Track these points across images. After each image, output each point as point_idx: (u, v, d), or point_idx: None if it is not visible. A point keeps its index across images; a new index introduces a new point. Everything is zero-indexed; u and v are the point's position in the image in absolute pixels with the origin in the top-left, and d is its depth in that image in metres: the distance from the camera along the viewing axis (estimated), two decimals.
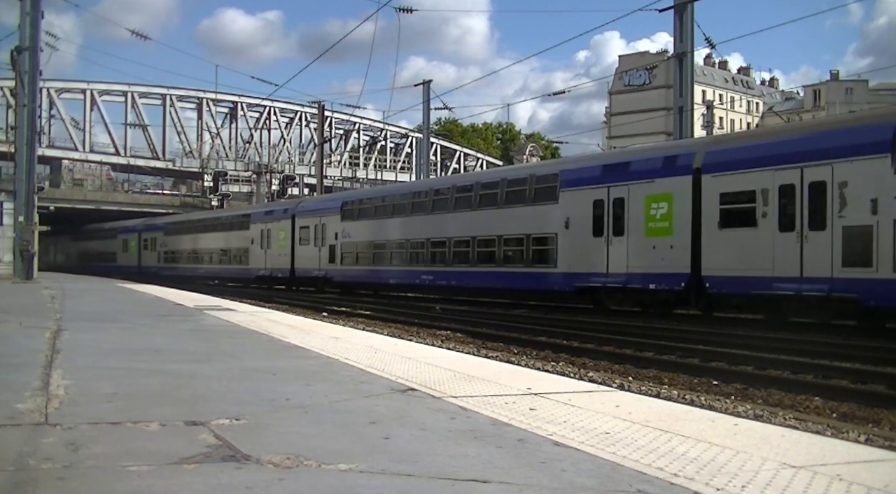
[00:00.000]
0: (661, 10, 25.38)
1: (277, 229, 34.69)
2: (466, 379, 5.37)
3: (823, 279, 14.49)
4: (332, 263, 30.36)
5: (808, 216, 14.84)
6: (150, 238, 48.86)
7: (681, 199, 17.19)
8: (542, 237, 20.98)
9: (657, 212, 17.80)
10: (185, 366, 5.81)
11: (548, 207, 20.73)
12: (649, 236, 17.89)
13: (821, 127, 17.69)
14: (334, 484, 2.74)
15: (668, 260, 17.36)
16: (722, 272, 16.29)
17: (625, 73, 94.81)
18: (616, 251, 18.62)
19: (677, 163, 17.70)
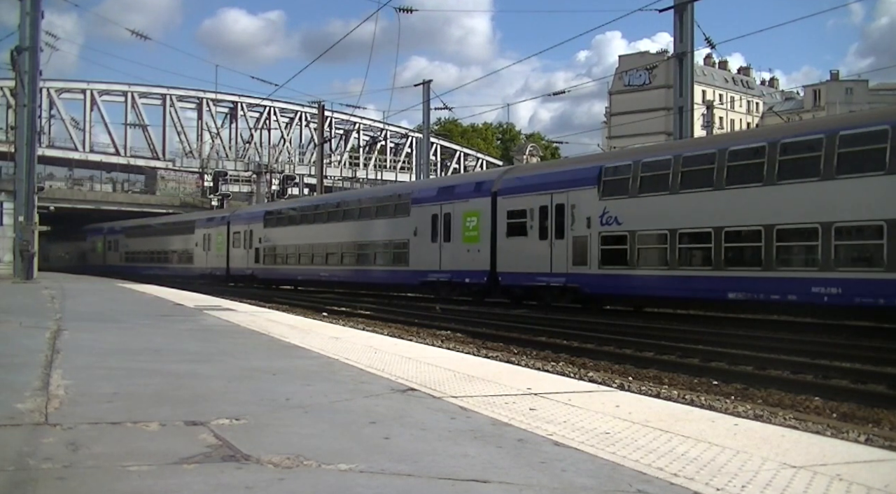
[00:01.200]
0: (661, 10, 25.40)
1: (216, 234, 40.26)
2: (466, 379, 5.37)
3: (563, 274, 20.29)
4: (258, 263, 35.98)
5: (555, 229, 20.50)
6: (113, 240, 54.44)
7: (484, 215, 22.86)
8: (400, 242, 26.61)
9: (470, 224, 23.53)
10: (185, 366, 5.81)
11: (403, 219, 26.52)
12: (465, 242, 23.55)
13: (563, 165, 24.08)
14: (334, 484, 2.74)
15: (477, 261, 22.98)
16: (508, 269, 22.04)
17: (625, 72, 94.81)
18: (446, 253, 24.34)
19: (483, 188, 23.50)
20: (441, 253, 24.39)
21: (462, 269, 23.49)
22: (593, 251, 19.29)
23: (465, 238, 23.55)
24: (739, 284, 15.84)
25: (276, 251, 34.55)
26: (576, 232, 19.78)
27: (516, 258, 21.56)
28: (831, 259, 14.37)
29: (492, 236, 22.41)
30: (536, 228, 20.97)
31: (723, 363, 10.99)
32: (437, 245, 24.60)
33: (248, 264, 36.49)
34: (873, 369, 10.11)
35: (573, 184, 20.19)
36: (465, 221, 23.60)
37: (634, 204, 18.55)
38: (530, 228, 21.16)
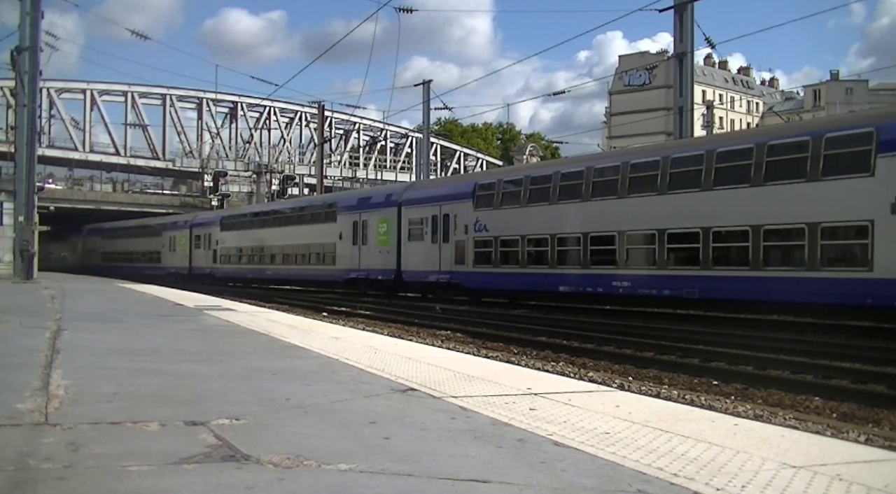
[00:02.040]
0: (661, 10, 25.39)
1: (180, 236, 45.14)
2: (466, 379, 5.37)
3: (448, 272, 24.19)
4: (215, 263, 40.64)
5: (442, 234, 24.54)
6: (91, 240, 58.57)
7: (392, 222, 27.08)
8: (329, 245, 31.12)
9: (382, 230, 27.67)
10: (185, 366, 5.81)
11: (331, 225, 30.93)
12: (378, 245, 27.87)
13: (450, 181, 32.58)
14: (334, 484, 2.74)
15: (387, 261, 27.16)
16: (409, 268, 26.23)
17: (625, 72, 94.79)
18: (363, 254, 28.76)
19: (391, 199, 27.89)
20: (360, 255, 29.04)
21: (376, 268, 28.04)
22: (469, 253, 23.43)
23: (378, 241, 28.05)
24: (566, 280, 20.24)
25: (231, 252, 39.48)
26: (457, 237, 23.96)
27: (415, 259, 25.94)
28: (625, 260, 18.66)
29: (398, 240, 26.88)
30: (430, 234, 25.24)
31: (723, 363, 10.99)
32: (357, 247, 29.21)
33: (207, 264, 41.27)
34: (873, 369, 10.11)
35: (455, 197, 24.48)
36: (378, 227, 28.09)
37: (498, 214, 22.72)
38: (425, 234, 25.45)
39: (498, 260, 22.33)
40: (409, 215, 26.44)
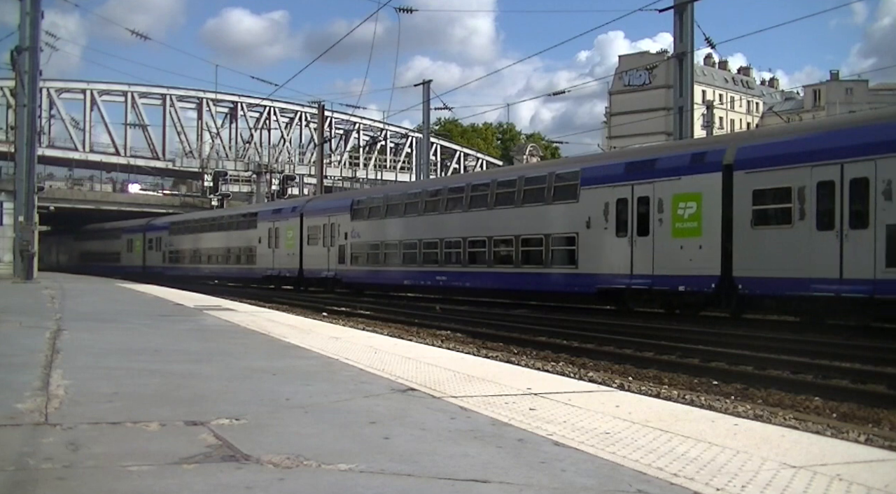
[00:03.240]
0: (661, 10, 25.39)
1: (136, 239, 51.66)
2: (466, 379, 5.37)
3: (333, 269, 30.52)
4: (164, 263, 46.83)
5: (330, 239, 31.00)
6: (63, 242, 63.74)
7: (295, 229, 33.48)
8: (250, 248, 37.33)
9: (289, 235, 34.11)
10: (185, 366, 5.81)
11: (252, 231, 37.30)
12: (286, 248, 34.19)
13: (336, 197, 36.95)
14: (334, 484, 2.74)
15: (293, 261, 33.28)
16: (309, 267, 32.41)
17: (625, 72, 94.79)
18: (276, 256, 34.87)
19: (295, 210, 34.35)
20: (274, 256, 35.09)
21: (285, 267, 34.07)
22: (347, 254, 29.86)
23: (286, 245, 34.17)
24: (409, 275, 26.28)
25: (178, 254, 45.68)
26: (340, 242, 30.36)
27: (313, 259, 32.16)
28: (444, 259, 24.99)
29: (300, 244, 33.04)
30: (321, 238, 31.69)
31: (723, 363, 10.98)
32: (271, 250, 35.30)
33: (159, 263, 47.28)
34: (873, 369, 10.11)
35: (339, 210, 30.99)
36: (287, 233, 34.14)
37: (366, 224, 29.22)
38: (319, 239, 31.78)
39: (366, 260, 29.02)
40: (308, 223, 32.76)
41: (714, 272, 16.41)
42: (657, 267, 17.65)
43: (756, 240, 15.75)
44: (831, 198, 14.46)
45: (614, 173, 19.40)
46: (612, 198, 18.93)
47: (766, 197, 15.65)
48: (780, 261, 15.13)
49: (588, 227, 19.54)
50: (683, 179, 17.26)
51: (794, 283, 14.84)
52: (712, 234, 16.54)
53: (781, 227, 15.28)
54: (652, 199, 17.86)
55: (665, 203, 17.54)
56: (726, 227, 16.28)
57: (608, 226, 18.98)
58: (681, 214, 17.22)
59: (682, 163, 17.62)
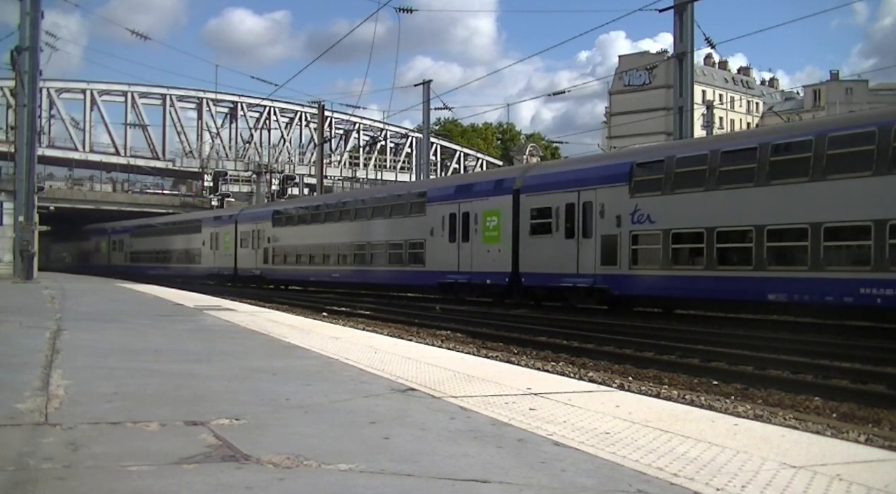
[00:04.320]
0: (660, 10, 25.39)
1: (103, 240, 58.18)
2: (466, 379, 5.37)
3: (259, 268, 36.25)
4: (127, 262, 52.54)
5: (257, 243, 36.81)
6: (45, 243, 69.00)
7: (231, 234, 39.25)
8: (196, 250, 43.25)
9: (227, 239, 39.59)
10: (185, 366, 5.82)
11: (196, 235, 43.10)
12: (223, 250, 39.88)
13: (265, 206, 42.74)
14: (334, 484, 2.74)
15: (228, 260, 39.10)
16: (242, 266, 38.00)
17: (625, 72, 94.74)
18: (216, 257, 40.60)
19: (231, 219, 39.99)
20: (214, 256, 41.10)
21: (223, 266, 39.73)
22: (270, 256, 35.50)
23: (224, 247, 39.91)
24: (317, 273, 32.08)
25: (139, 254, 51.27)
26: (264, 245, 35.92)
27: (244, 259, 37.86)
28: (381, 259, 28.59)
29: (235, 247, 38.76)
30: (251, 242, 37.33)
31: (723, 363, 10.99)
32: (212, 251, 41.39)
33: (122, 262, 53.00)
34: (873, 369, 10.11)
35: (264, 218, 36.90)
36: (224, 237, 40.03)
37: (283, 230, 35.06)
38: (250, 242, 37.54)
39: (283, 261, 34.64)
40: (241, 229, 38.74)
41: (507, 269, 22.01)
42: (474, 266, 23.28)
43: (532, 245, 21.29)
44: (572, 215, 20.07)
45: (448, 194, 25.33)
46: (446, 212, 24.62)
47: (538, 214, 21.17)
48: (546, 261, 20.74)
49: (432, 235, 25.16)
50: (490, 199, 23.01)
51: (553, 277, 20.58)
52: (507, 241, 22.06)
53: (545, 236, 20.87)
54: (471, 214, 23.53)
55: (479, 217, 23.24)
56: (515, 236, 21.78)
57: (444, 234, 24.55)
58: (488, 226, 22.90)
59: (490, 187, 23.59)
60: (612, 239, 18.86)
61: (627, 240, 18.57)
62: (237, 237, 38.54)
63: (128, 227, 53.39)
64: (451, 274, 24.06)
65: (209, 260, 41.54)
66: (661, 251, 17.86)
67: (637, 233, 18.47)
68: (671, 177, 17.83)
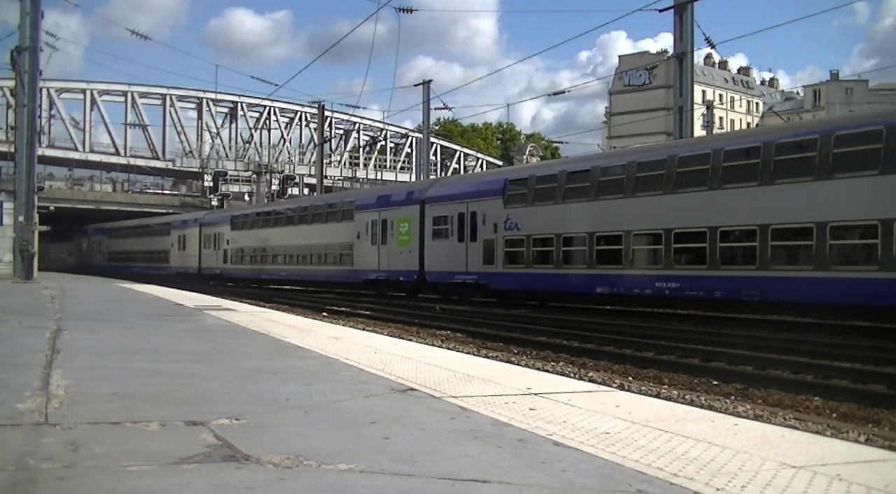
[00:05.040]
0: (660, 10, 25.38)
1: (84, 241, 61.61)
2: (466, 379, 5.37)
3: (219, 267, 40.24)
4: (104, 261, 55.36)
5: (217, 245, 40.93)
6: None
7: (195, 236, 43.53)
8: (164, 250, 47.04)
9: (192, 241, 43.77)
10: (185, 366, 5.81)
11: (165, 237, 47.15)
12: (188, 251, 43.94)
13: (225, 211, 45.83)
14: (334, 484, 2.74)
15: (193, 261, 43.07)
16: (205, 265, 41.94)
17: (625, 72, 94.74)
18: (183, 257, 44.60)
19: (196, 223, 44.13)
20: (181, 257, 44.88)
21: (189, 266, 43.50)
22: (229, 256, 39.64)
23: (190, 248, 43.92)
24: (268, 272, 36.06)
25: (117, 254, 54.52)
26: (224, 247, 40.10)
27: (208, 259, 41.81)
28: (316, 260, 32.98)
29: (199, 249, 42.80)
30: (213, 244, 41.40)
31: (723, 363, 10.98)
32: (180, 252, 45.27)
33: (99, 262, 55.74)
34: (873, 369, 10.10)
35: (224, 222, 40.87)
36: (189, 240, 44.24)
37: (239, 234, 38.93)
38: (211, 244, 41.56)
39: (240, 261, 38.73)
40: (205, 232, 42.85)
41: (416, 268, 25.77)
42: (391, 265, 27.14)
43: (434, 247, 25.05)
44: (463, 223, 23.78)
45: (371, 203, 29.37)
46: (370, 219, 28.66)
47: (439, 221, 25.00)
48: (444, 261, 24.49)
49: (358, 239, 29.32)
50: (403, 208, 26.95)
51: (449, 274, 24.29)
52: (415, 244, 25.87)
53: (444, 240, 24.66)
54: (388, 221, 27.50)
55: (394, 223, 27.18)
56: (421, 240, 25.62)
57: (368, 238, 28.62)
58: (401, 231, 26.76)
59: (403, 197, 27.68)
60: (490, 242, 22.63)
61: (501, 244, 22.30)
62: (201, 239, 42.84)
63: (106, 229, 56.56)
64: (373, 273, 28.18)
65: (177, 260, 45.32)
66: (525, 253, 21.56)
67: (508, 237, 22.15)
68: (532, 192, 21.74)
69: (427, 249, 25.34)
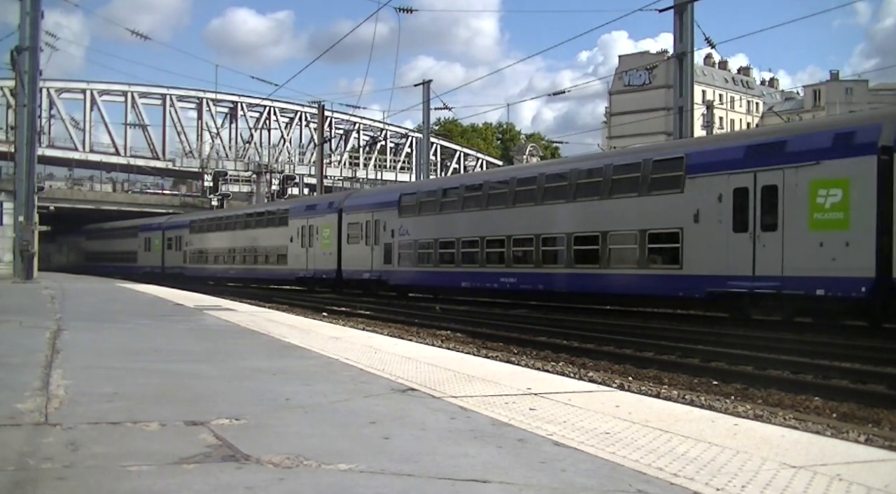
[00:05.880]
0: (660, 10, 25.38)
1: (67, 243, 64.36)
2: (466, 379, 5.37)
3: (178, 266, 45.58)
4: (81, 261, 59.38)
5: (177, 247, 46.83)
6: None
7: (160, 239, 48.88)
8: (132, 251, 51.33)
9: (156, 243, 49.10)
10: (185, 366, 5.81)
11: (133, 239, 52.04)
12: (154, 252, 48.96)
13: (185, 216, 48.85)
14: (334, 484, 2.74)
15: (156, 260, 48.11)
16: (168, 264, 46.72)
17: (625, 72, 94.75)
18: (149, 258, 49.43)
19: (160, 226, 48.95)
20: (148, 257, 49.29)
21: (154, 264, 47.75)
22: (188, 256, 44.50)
23: (155, 249, 48.45)
24: (220, 270, 40.73)
25: (95, 253, 58.56)
26: (184, 248, 45.02)
27: (170, 259, 46.37)
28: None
29: (162, 249, 47.56)
30: (175, 246, 46.03)
31: (723, 363, 10.98)
32: (147, 253, 49.60)
33: (78, 261, 59.87)
34: (873, 369, 10.10)
35: (184, 226, 45.63)
36: (154, 242, 49.02)
37: (197, 236, 43.92)
38: (173, 246, 46.23)
39: (197, 260, 43.57)
40: (167, 235, 47.26)
41: (335, 267, 30.67)
42: (317, 265, 32.00)
43: (348, 249, 29.99)
44: (369, 229, 28.72)
45: (301, 211, 34.33)
46: (300, 225, 33.39)
47: (352, 227, 29.93)
48: (356, 261, 29.32)
49: (291, 242, 33.91)
50: (325, 216, 31.83)
51: (359, 272, 29.04)
52: (335, 247, 30.74)
53: (356, 244, 29.46)
54: (314, 227, 32.40)
55: (319, 229, 32.04)
56: (339, 243, 30.48)
57: (299, 241, 33.27)
58: (324, 236, 31.53)
59: (325, 207, 32.47)
60: (389, 246, 27.47)
61: (397, 247, 27.09)
62: (164, 241, 47.97)
63: (83, 231, 60.74)
64: (303, 271, 32.86)
65: (143, 260, 50.17)
66: (413, 254, 26.36)
67: (402, 242, 26.91)
68: (419, 205, 26.69)
69: (343, 251, 30.31)
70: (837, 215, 14.35)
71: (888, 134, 13.97)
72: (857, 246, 14.01)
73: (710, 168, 16.86)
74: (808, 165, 14.87)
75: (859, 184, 14.08)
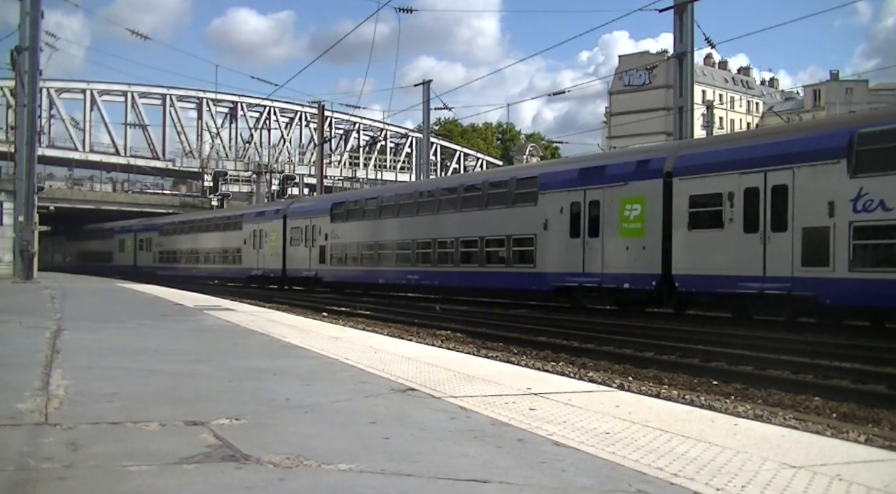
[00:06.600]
0: (660, 10, 25.36)
1: (58, 242, 65.45)
2: (466, 379, 5.37)
3: (150, 267, 49.43)
4: (63, 261, 63.43)
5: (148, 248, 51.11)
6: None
7: (132, 242, 52.79)
8: (108, 252, 55.53)
9: (128, 244, 53.41)
10: (184, 366, 5.82)
11: (109, 241, 55.88)
12: (126, 252, 53.39)
13: (150, 221, 52.42)
14: (334, 484, 2.74)
15: (128, 260, 52.61)
16: (140, 264, 50.52)
17: (625, 72, 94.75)
18: (122, 259, 53.29)
19: (133, 229, 53.39)
20: (123, 257, 53.10)
21: (128, 264, 51.02)
22: (157, 256, 48.66)
23: (128, 250, 52.41)
24: (194, 269, 43.18)
25: (81, 254, 62.20)
26: (155, 249, 49.46)
27: (141, 259, 50.23)
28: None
29: (135, 250, 51.15)
30: (146, 247, 49.89)
31: (723, 363, 10.98)
32: (122, 253, 53.43)
33: (60, 261, 63.65)
34: (873, 369, 10.10)
35: (154, 229, 49.60)
36: (126, 244, 53.00)
37: (168, 239, 47.68)
38: (145, 247, 50.34)
39: (168, 260, 47.30)
40: (139, 237, 51.21)
41: (280, 267, 34.69)
42: (266, 264, 35.91)
43: (291, 250, 33.79)
44: (307, 233, 32.65)
45: (252, 216, 38.71)
46: (252, 229, 37.61)
47: (294, 231, 33.77)
48: (299, 261, 33.11)
49: (245, 244, 38.14)
50: (272, 221, 35.86)
51: (299, 270, 32.97)
52: (280, 248, 34.76)
53: (298, 246, 33.54)
54: (263, 231, 36.48)
55: (267, 233, 36.09)
56: (284, 245, 34.40)
57: (251, 244, 37.61)
58: (272, 239, 35.48)
59: (274, 213, 36.53)
60: (323, 247, 31.55)
61: (329, 249, 31.24)
62: (136, 243, 51.92)
63: (66, 232, 63.05)
64: (254, 270, 37.03)
65: (119, 260, 53.93)
66: (344, 256, 30.41)
67: (333, 244, 31.05)
68: (346, 212, 31.09)
69: (287, 252, 34.20)
70: (637, 225, 18.25)
71: (671, 162, 17.63)
72: (650, 249, 17.83)
73: (554, 186, 20.79)
74: (619, 185, 18.82)
75: (651, 201, 17.88)
